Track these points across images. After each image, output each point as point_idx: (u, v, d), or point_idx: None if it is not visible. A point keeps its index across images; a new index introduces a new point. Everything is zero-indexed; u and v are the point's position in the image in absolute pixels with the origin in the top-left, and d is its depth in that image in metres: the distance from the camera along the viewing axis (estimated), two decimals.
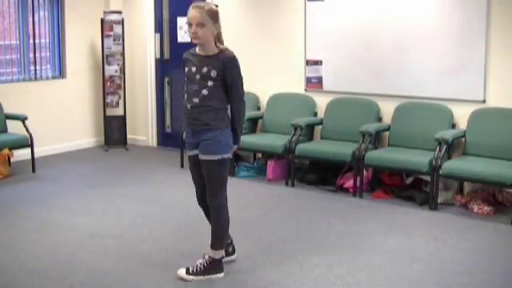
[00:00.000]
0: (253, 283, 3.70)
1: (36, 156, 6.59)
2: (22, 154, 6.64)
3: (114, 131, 7.88)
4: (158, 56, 7.93)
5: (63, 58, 7.58)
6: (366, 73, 6.18)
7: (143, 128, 8.15)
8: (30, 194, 5.71)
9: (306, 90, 6.60)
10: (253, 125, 6.74)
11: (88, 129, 7.97)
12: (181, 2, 7.64)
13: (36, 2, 7.23)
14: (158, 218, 4.98)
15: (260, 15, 6.88)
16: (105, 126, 7.86)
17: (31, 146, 6.44)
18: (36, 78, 7.33)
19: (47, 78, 7.47)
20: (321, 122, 6.34)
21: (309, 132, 6.33)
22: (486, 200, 5.25)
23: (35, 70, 7.30)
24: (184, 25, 7.50)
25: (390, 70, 6.02)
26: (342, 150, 5.75)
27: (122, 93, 7.81)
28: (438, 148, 5.25)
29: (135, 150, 7.86)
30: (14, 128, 6.59)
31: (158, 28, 7.87)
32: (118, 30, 7.66)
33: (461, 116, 5.65)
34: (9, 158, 6.36)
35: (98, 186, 5.98)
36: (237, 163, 6.49)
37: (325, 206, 5.38)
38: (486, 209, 5.13)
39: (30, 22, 7.19)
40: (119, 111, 7.85)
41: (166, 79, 7.91)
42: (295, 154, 5.96)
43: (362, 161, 5.57)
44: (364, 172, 5.67)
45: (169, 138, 7.90)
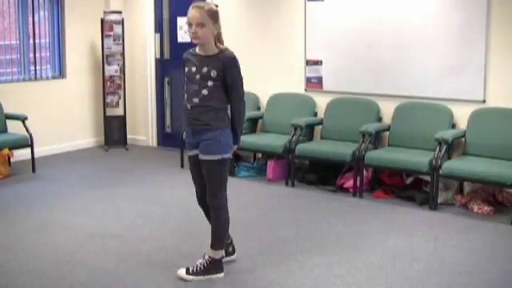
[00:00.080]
0: (253, 283, 3.70)
1: (36, 156, 6.60)
2: (22, 154, 6.64)
3: (114, 131, 7.88)
4: (158, 56, 7.93)
5: (63, 58, 7.58)
6: (365, 73, 6.18)
7: (143, 128, 8.15)
8: (30, 194, 5.71)
9: (305, 90, 6.60)
10: (253, 125, 6.74)
11: (88, 129, 7.97)
12: (181, 2, 7.64)
13: (36, 2, 7.23)
14: (157, 218, 4.98)
15: (260, 15, 6.88)
16: (105, 126, 7.86)
17: (31, 146, 6.44)
18: (36, 78, 7.33)
19: (47, 78, 7.47)
20: (321, 122, 6.34)
21: (309, 132, 6.33)
22: (486, 200, 5.25)
23: (35, 69, 7.30)
24: (184, 25, 7.49)
25: (390, 69, 6.02)
26: (342, 150, 5.75)
27: (122, 93, 7.81)
28: (437, 148, 5.25)
29: (135, 150, 7.86)
30: (14, 128, 6.60)
31: (158, 28, 7.87)
32: (117, 30, 7.66)
33: (461, 116, 5.65)
34: (9, 158, 6.36)
35: (98, 186, 5.98)
36: (237, 163, 6.50)
37: (325, 206, 5.38)
38: (485, 209, 5.13)
39: (30, 22, 7.19)
40: (119, 111, 7.85)
41: (166, 79, 7.91)
42: (295, 154, 5.96)
43: (361, 161, 5.57)
44: (364, 172, 5.68)
45: (169, 138, 7.91)
